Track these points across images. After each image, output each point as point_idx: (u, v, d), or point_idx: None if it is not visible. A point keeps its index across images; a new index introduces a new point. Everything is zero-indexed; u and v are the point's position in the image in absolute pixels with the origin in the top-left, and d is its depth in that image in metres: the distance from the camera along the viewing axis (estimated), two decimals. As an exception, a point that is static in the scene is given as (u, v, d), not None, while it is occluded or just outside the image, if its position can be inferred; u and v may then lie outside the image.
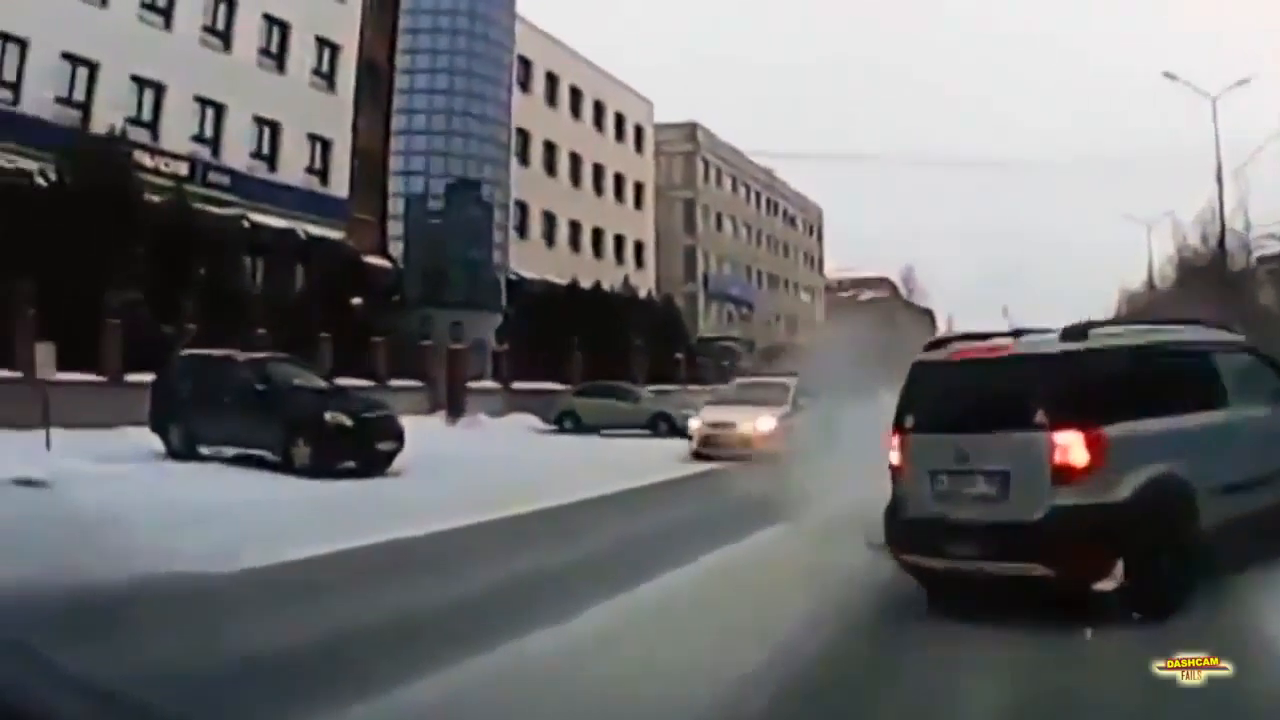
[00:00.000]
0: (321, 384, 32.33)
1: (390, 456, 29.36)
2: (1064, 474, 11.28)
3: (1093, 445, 11.23)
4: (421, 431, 32.92)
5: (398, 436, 29.73)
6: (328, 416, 28.75)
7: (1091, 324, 13.13)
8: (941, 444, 12.22)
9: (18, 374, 32.14)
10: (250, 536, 17.94)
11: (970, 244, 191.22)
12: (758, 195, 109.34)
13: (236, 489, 24.41)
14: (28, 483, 23.25)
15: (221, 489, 24.35)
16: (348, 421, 28.85)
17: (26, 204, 36.52)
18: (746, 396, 36.87)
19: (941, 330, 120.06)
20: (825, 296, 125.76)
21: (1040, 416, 11.51)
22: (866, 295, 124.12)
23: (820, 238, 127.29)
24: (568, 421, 49.08)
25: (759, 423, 34.27)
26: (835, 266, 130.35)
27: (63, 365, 30.74)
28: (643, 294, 78.21)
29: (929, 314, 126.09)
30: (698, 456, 34.62)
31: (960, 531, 11.81)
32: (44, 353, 29.89)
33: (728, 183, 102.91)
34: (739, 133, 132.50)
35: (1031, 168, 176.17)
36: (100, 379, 35.48)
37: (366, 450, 28.94)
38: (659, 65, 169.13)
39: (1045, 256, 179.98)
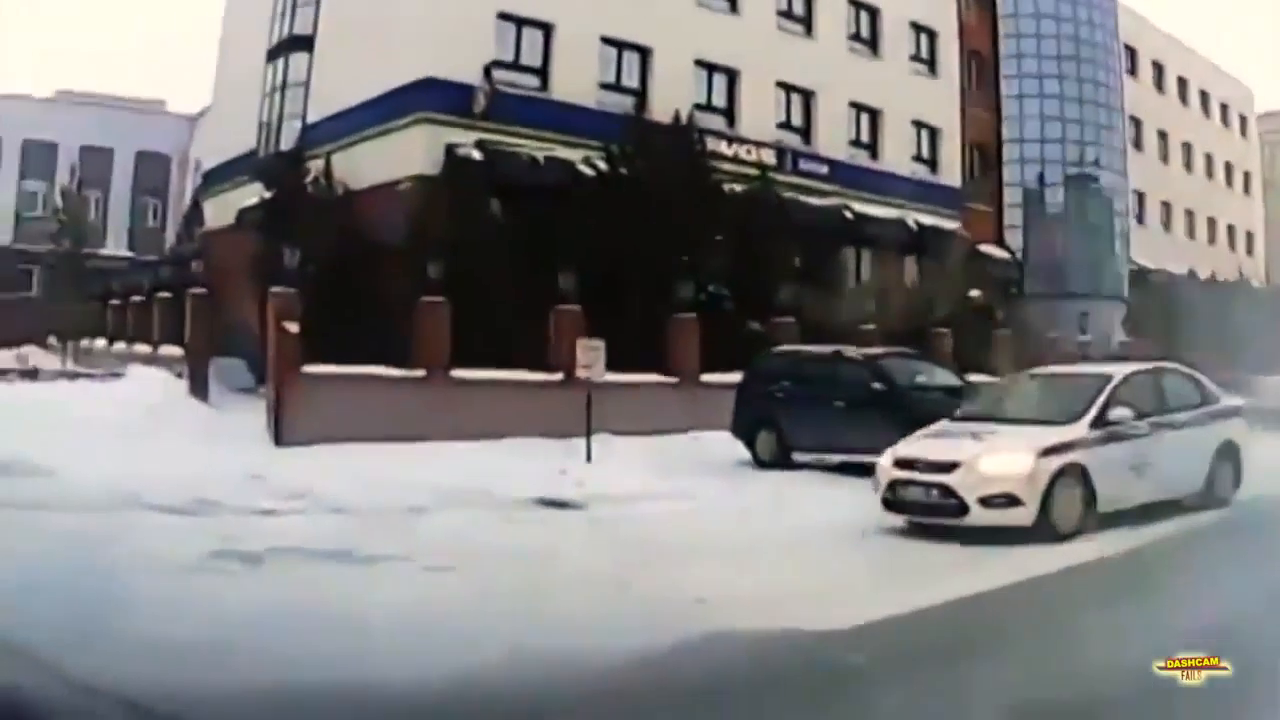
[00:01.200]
0: (953, 381, 23.55)
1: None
2: None
3: None
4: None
5: None
6: None
7: None
8: None
9: (557, 375, 25.49)
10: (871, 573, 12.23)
11: None
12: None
13: (835, 504, 16.98)
14: (555, 504, 16.94)
15: (816, 505, 17.17)
16: (985, 424, 21.56)
17: (570, 195, 29.50)
18: (1018, 405, 16.92)
19: None
20: None
21: None
22: None
23: None
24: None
25: (989, 463, 14.45)
26: None
27: (618, 366, 24.29)
28: (1255, 283, 64.27)
29: None
30: (915, 528, 15.39)
31: None
32: (588, 351, 23.25)
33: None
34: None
35: None
36: (668, 380, 27.89)
37: None
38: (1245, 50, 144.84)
39: None
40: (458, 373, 24.91)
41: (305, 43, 34.93)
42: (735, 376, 25.00)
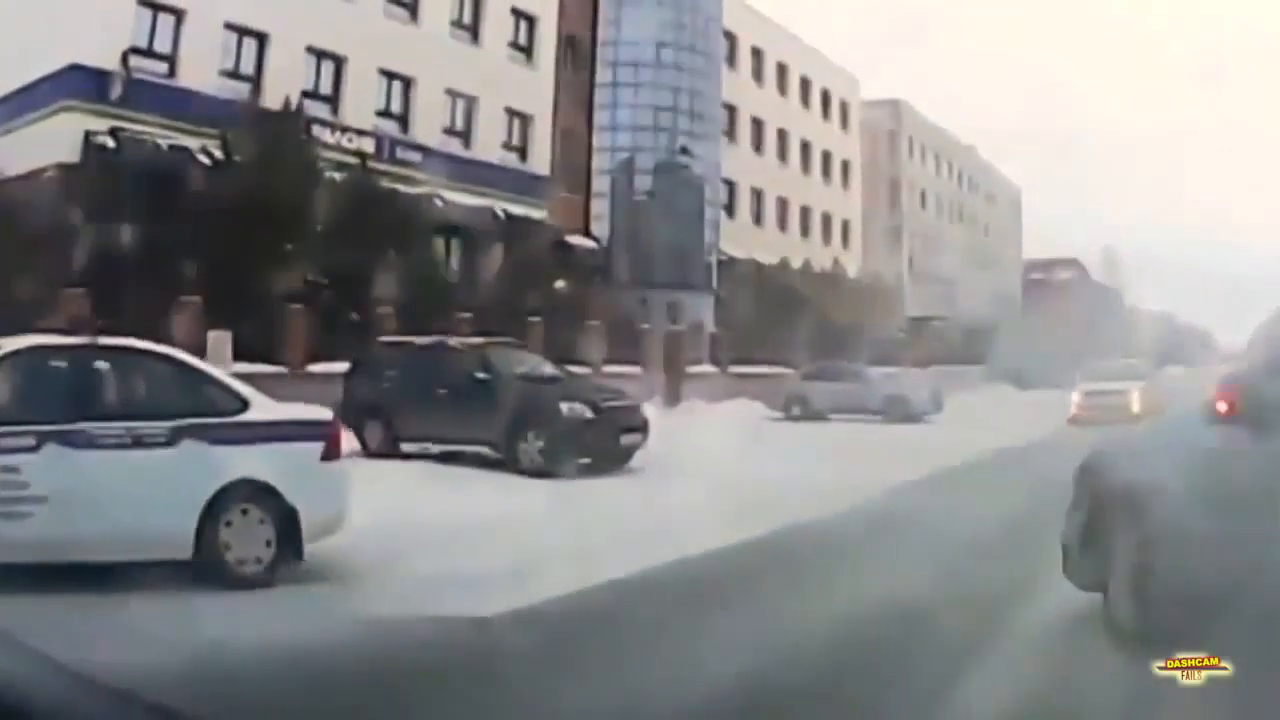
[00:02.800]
0: (552, 371, 27.38)
1: (631, 451, 24.48)
2: None
3: None
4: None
5: (642, 429, 25.01)
6: (565, 407, 24.11)
7: None
8: None
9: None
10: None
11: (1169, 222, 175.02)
12: (959, 174, 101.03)
13: (448, 497, 18.44)
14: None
15: (432, 497, 18.26)
16: (588, 413, 24.19)
17: (188, 183, 33.20)
18: None
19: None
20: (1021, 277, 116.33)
21: None
22: (1060, 276, 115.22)
23: (1019, 217, 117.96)
24: (795, 407, 42.31)
25: None
26: (1030, 247, 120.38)
27: (239, 356, 27.53)
28: (851, 273, 72.81)
29: (1118, 295, 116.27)
30: None
31: None
32: (218, 342, 26.91)
33: (931, 161, 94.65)
34: (937, 107, 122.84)
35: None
36: (278, 370, 29.91)
37: (608, 445, 24.10)
38: (860, 39, 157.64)
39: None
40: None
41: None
42: (339, 366, 27.50)
